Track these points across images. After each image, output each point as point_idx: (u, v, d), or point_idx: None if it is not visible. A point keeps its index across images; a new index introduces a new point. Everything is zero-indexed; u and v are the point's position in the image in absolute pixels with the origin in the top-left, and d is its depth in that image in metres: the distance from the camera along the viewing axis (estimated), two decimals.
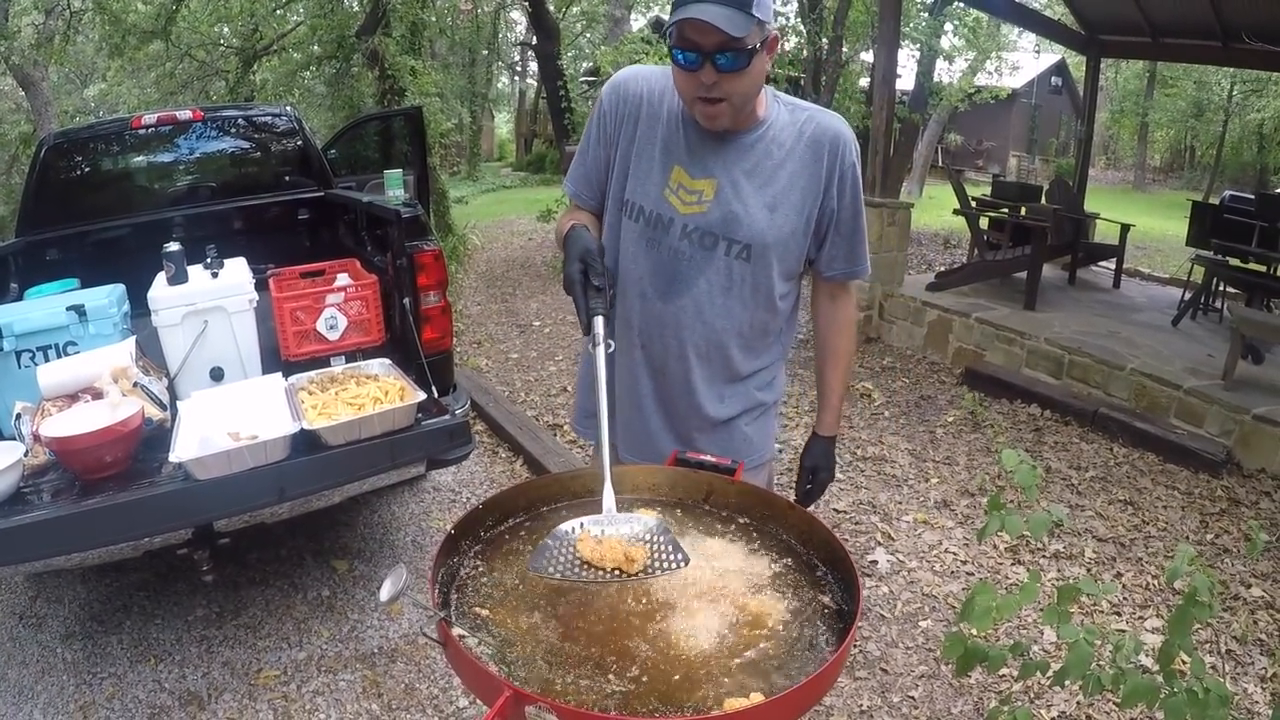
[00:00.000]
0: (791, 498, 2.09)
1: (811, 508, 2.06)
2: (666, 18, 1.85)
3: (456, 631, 1.31)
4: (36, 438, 2.82)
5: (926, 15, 12.38)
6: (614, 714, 1.13)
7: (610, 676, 1.27)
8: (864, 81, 11.25)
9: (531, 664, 1.29)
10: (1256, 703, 3.14)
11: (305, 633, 3.55)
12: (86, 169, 4.86)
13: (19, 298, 3.87)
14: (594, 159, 2.05)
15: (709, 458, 1.82)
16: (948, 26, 13.57)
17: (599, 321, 1.68)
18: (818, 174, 1.91)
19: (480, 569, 1.54)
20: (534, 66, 22.22)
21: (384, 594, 1.25)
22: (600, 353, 1.66)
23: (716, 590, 1.46)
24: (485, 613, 1.41)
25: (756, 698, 1.19)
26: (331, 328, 3.72)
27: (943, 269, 9.00)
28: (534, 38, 13.22)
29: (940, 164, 22.99)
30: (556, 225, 2.15)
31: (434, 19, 13.80)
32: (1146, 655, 3.12)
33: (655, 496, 1.77)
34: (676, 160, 1.91)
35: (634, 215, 1.96)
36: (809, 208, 1.93)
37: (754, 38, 1.67)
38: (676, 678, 1.26)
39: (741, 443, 2.12)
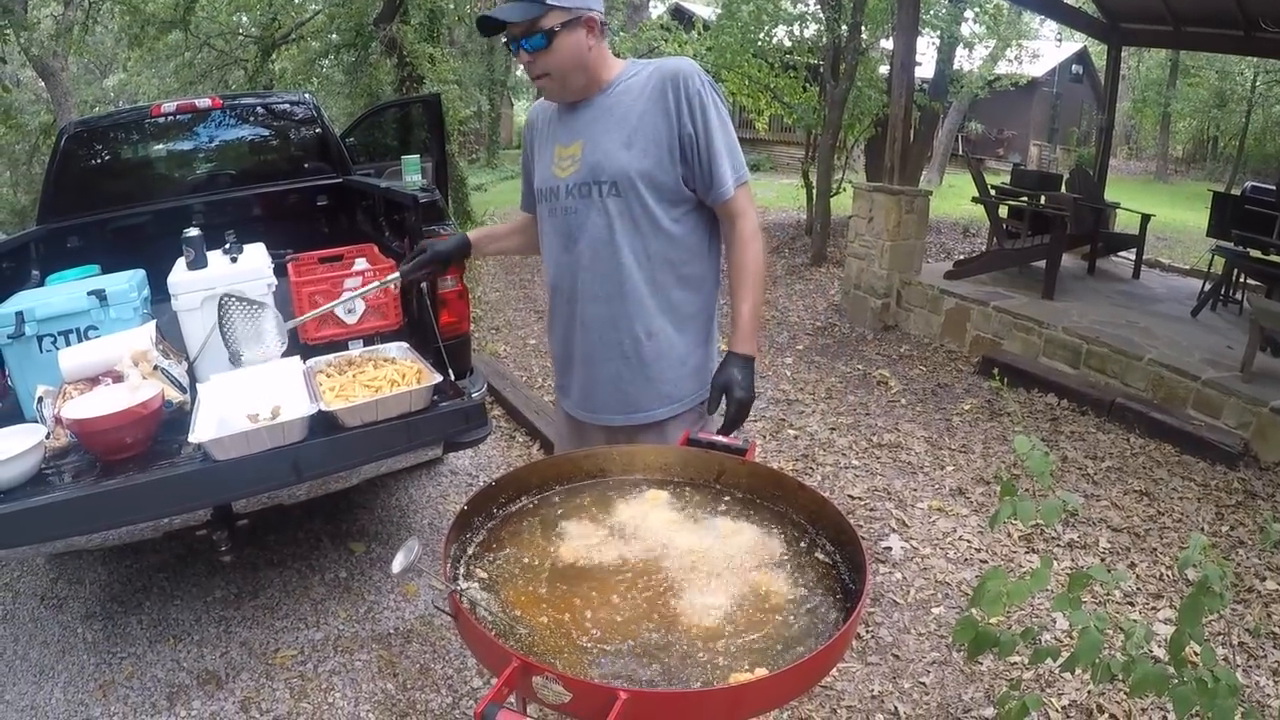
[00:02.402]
0: (802, 480, 2.10)
1: (736, 434, 1.99)
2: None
3: (466, 601, 1.33)
4: (58, 420, 2.85)
5: (946, 2, 12.32)
6: (620, 686, 1.14)
7: (617, 650, 1.29)
8: (884, 69, 11.18)
9: (540, 636, 1.32)
10: (1269, 695, 3.13)
11: (322, 614, 3.58)
12: (106, 157, 4.90)
13: (41, 284, 3.91)
14: (529, 175, 2.41)
15: (720, 438, 1.84)
16: (968, 13, 13.50)
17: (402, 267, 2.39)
18: (667, 107, 2.07)
19: (493, 545, 1.56)
20: None
21: (396, 565, 1.27)
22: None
23: (725, 568, 1.48)
24: (497, 587, 1.43)
25: (761, 672, 1.20)
26: (349, 312, 3.74)
27: (961, 257, 8.97)
28: None
29: (961, 152, 22.84)
30: None
31: (452, 6, 13.81)
32: (1158, 645, 3.13)
33: (667, 476, 1.79)
34: (555, 141, 2.23)
35: (540, 199, 2.29)
36: (667, 138, 2.08)
37: (552, 20, 1.97)
38: (683, 652, 1.28)
39: (672, 386, 2.24)
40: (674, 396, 2.24)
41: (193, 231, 3.53)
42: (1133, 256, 8.83)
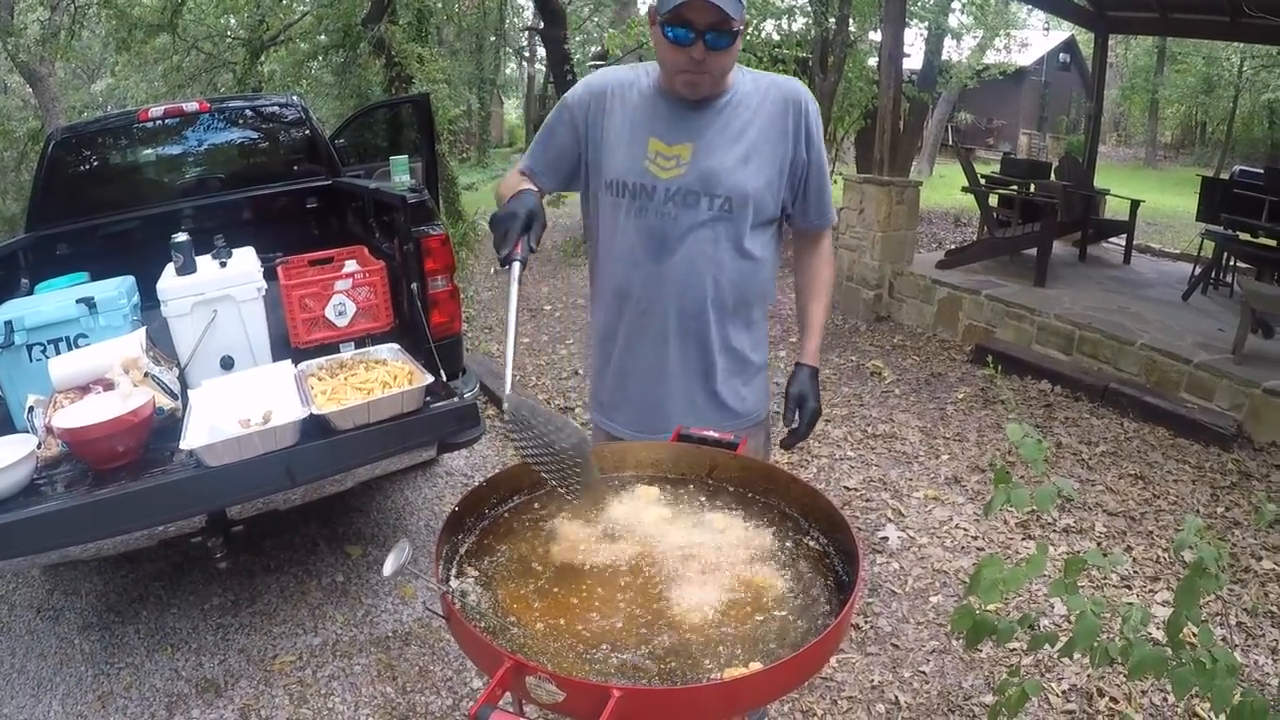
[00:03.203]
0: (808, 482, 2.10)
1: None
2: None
3: (458, 602, 1.32)
4: (49, 429, 2.85)
5: None
6: (613, 684, 1.14)
7: (611, 647, 1.28)
8: (872, 61, 11.17)
9: (532, 635, 1.31)
10: (1267, 674, 3.15)
11: (320, 618, 3.58)
12: (94, 163, 4.88)
13: (29, 292, 3.90)
14: (559, 145, 2.17)
15: (712, 433, 1.84)
16: (955, 4, 13.51)
17: (517, 266, 1.82)
18: (785, 129, 2.05)
19: (485, 545, 1.56)
20: (542, 51, 22.16)
21: (387, 568, 1.27)
22: (514, 288, 1.77)
23: (718, 562, 1.48)
24: (490, 587, 1.42)
25: (755, 667, 1.20)
26: (340, 314, 3.73)
27: (953, 247, 8.97)
28: (541, 22, 13.14)
29: (950, 143, 22.86)
30: (504, 181, 2.25)
31: (440, 5, 13.76)
32: (1156, 627, 3.13)
33: (659, 472, 1.79)
34: (651, 133, 2.05)
35: (619, 192, 2.08)
36: (780, 159, 2.06)
37: (739, 22, 1.89)
38: (676, 648, 1.28)
39: (740, 402, 2.21)
40: (741, 413, 2.21)
41: (181, 237, 3.52)
42: (1123, 242, 8.85)
